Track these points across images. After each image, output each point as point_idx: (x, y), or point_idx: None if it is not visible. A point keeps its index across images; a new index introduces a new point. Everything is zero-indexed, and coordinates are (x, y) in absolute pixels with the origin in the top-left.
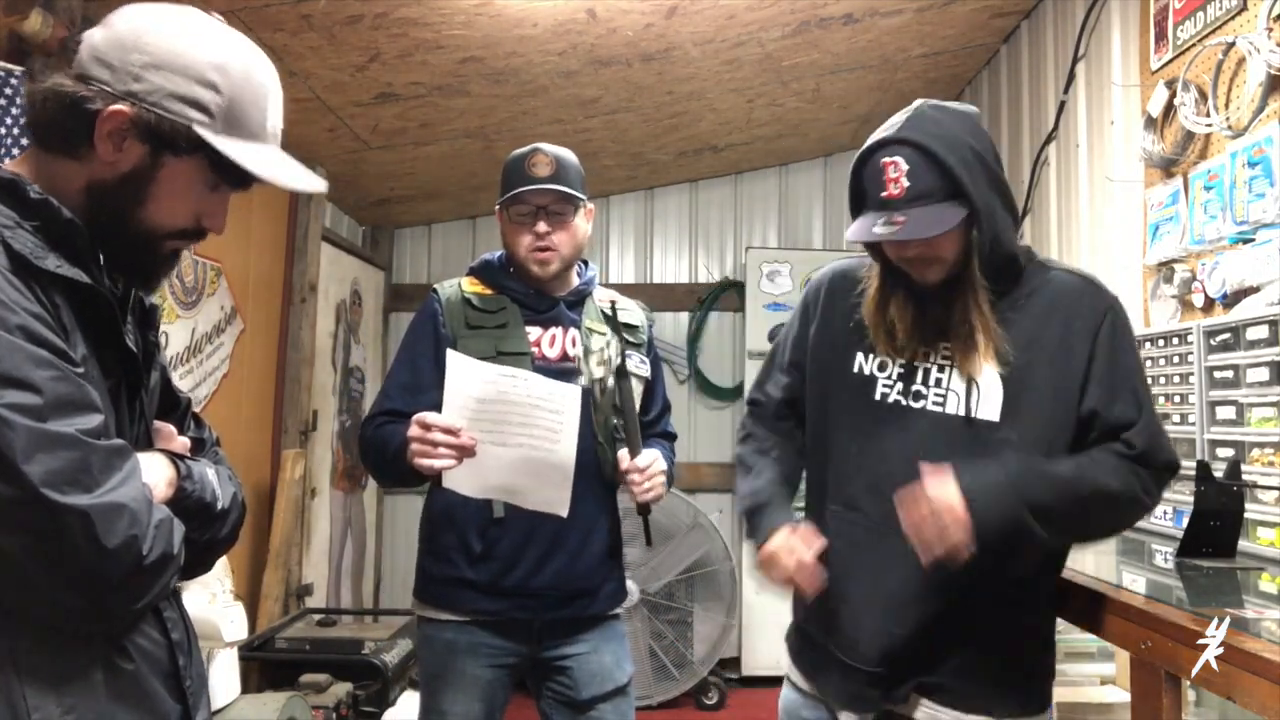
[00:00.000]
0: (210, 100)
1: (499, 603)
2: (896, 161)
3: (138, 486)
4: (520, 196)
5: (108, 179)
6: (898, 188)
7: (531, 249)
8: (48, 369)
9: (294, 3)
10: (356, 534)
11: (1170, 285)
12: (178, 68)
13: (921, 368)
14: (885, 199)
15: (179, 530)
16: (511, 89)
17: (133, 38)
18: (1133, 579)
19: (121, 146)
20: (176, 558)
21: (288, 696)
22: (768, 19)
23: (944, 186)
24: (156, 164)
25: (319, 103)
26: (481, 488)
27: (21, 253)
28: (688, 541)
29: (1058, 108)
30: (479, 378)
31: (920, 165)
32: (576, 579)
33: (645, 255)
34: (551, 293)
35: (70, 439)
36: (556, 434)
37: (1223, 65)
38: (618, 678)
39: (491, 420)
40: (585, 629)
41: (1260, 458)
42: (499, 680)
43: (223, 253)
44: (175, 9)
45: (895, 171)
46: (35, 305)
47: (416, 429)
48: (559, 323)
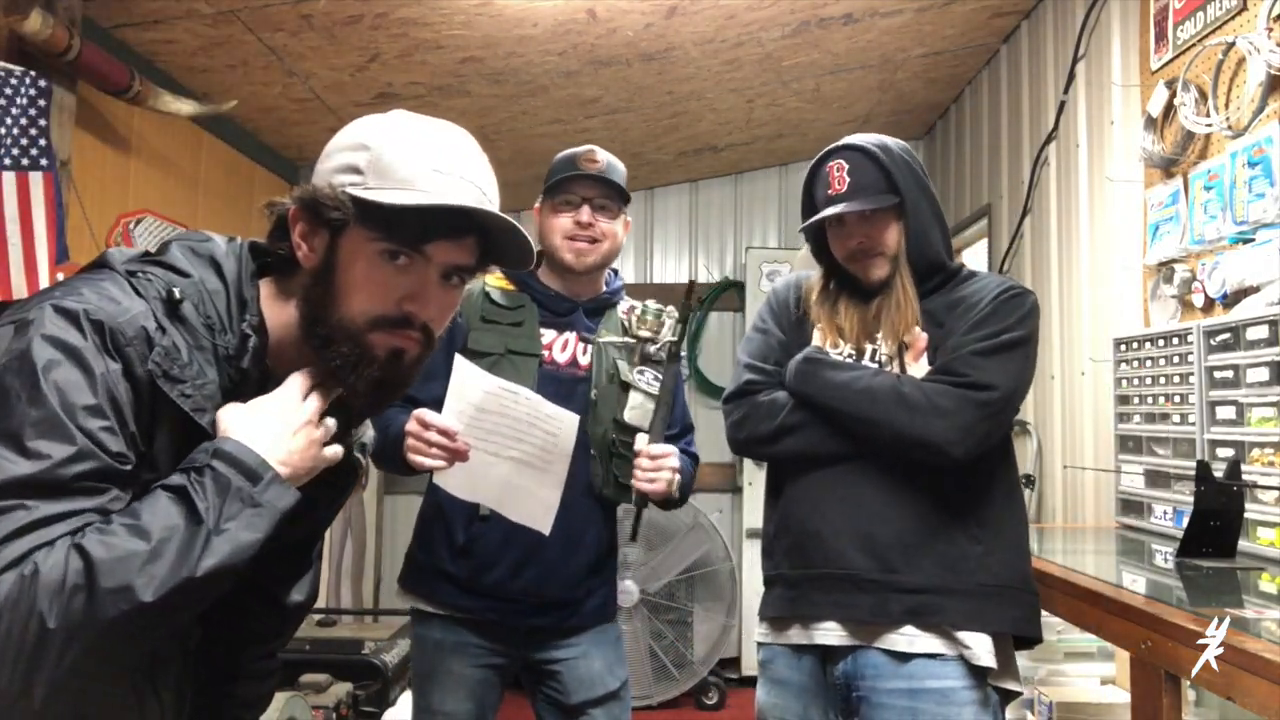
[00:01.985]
0: (360, 160)
1: (475, 601)
2: (840, 164)
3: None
4: (568, 186)
5: (308, 280)
6: (841, 184)
7: (570, 234)
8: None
9: (294, 3)
10: (356, 534)
11: (1170, 285)
12: (334, 149)
13: (868, 349)
14: (831, 195)
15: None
16: (511, 89)
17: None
18: (1133, 579)
19: (312, 244)
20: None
21: (288, 696)
22: (768, 19)
23: (880, 181)
24: (335, 246)
25: (319, 103)
26: (470, 492)
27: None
28: (688, 541)
29: (1058, 108)
30: (482, 387)
31: (860, 164)
32: (555, 589)
33: (645, 255)
34: (574, 296)
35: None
36: (549, 456)
37: (1223, 65)
38: (609, 683)
39: (487, 430)
40: (573, 634)
41: (1260, 458)
42: (488, 680)
43: None
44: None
45: (839, 172)
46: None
47: (415, 425)
48: (574, 328)
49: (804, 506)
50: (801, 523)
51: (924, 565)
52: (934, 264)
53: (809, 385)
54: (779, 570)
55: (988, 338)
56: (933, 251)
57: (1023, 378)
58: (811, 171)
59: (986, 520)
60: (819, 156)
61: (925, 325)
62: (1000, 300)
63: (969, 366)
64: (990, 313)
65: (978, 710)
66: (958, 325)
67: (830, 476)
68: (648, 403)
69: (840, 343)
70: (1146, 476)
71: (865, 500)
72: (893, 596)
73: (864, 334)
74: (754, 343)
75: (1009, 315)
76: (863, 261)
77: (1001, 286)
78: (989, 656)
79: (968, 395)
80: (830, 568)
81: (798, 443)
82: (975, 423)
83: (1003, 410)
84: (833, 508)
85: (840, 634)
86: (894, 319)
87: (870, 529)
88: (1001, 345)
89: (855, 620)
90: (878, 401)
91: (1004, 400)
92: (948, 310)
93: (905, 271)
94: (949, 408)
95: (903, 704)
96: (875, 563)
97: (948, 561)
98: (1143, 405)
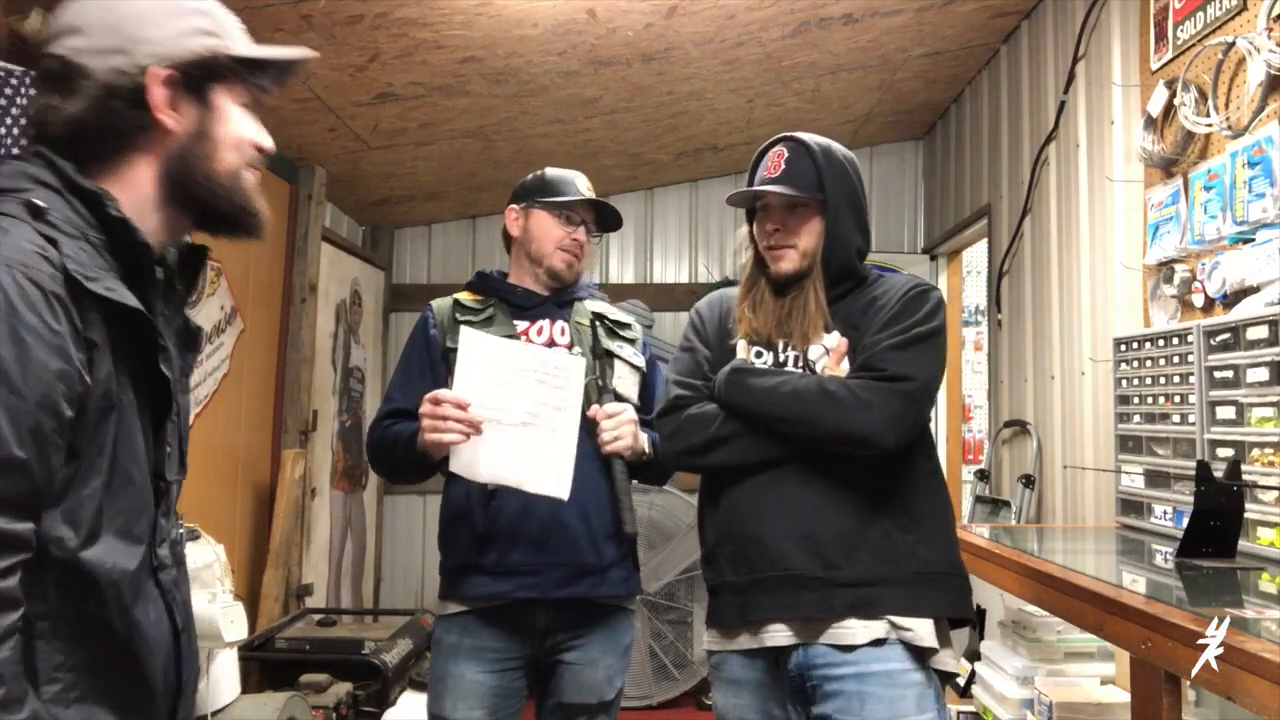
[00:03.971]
0: (207, 24)
1: (508, 583)
2: (781, 150)
3: None
4: (572, 204)
5: (178, 149)
6: (776, 170)
7: (564, 244)
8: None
9: (294, 3)
10: (356, 534)
11: (1170, 285)
12: (162, 16)
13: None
14: (765, 176)
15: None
16: (511, 89)
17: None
18: (1133, 579)
19: (178, 108)
20: None
21: (288, 696)
22: (768, 19)
23: (811, 175)
24: (210, 107)
25: (319, 103)
26: (487, 471)
27: (75, 274)
28: (688, 541)
29: (1058, 108)
30: (490, 350)
31: (799, 156)
32: (581, 553)
33: (645, 255)
34: (543, 293)
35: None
36: (560, 409)
37: (1223, 65)
38: (605, 693)
39: (499, 397)
40: (591, 628)
41: (1260, 458)
42: (502, 688)
43: (223, 253)
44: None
45: (778, 158)
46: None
47: (428, 405)
48: (546, 316)
49: (743, 513)
50: (743, 529)
51: (862, 559)
52: (845, 269)
53: (738, 394)
54: (723, 578)
55: (900, 333)
56: (846, 257)
57: (937, 367)
58: (759, 154)
59: (915, 510)
60: (767, 144)
61: (842, 329)
62: (908, 298)
63: (886, 361)
64: (899, 310)
65: (921, 689)
66: (871, 324)
67: (766, 481)
68: (633, 374)
69: (764, 351)
70: (1146, 476)
71: (802, 501)
72: (835, 592)
73: (776, 332)
74: (681, 361)
75: (916, 310)
76: (775, 251)
77: (907, 285)
78: (930, 638)
79: (889, 387)
80: (774, 570)
81: (731, 453)
82: (900, 412)
83: (922, 398)
84: (772, 511)
85: (787, 634)
86: (802, 321)
87: (810, 529)
88: (913, 339)
89: (801, 619)
90: (806, 402)
91: (923, 389)
92: (861, 313)
93: (818, 273)
94: (873, 401)
95: (852, 688)
96: (817, 561)
97: (883, 553)
98: (1143, 405)
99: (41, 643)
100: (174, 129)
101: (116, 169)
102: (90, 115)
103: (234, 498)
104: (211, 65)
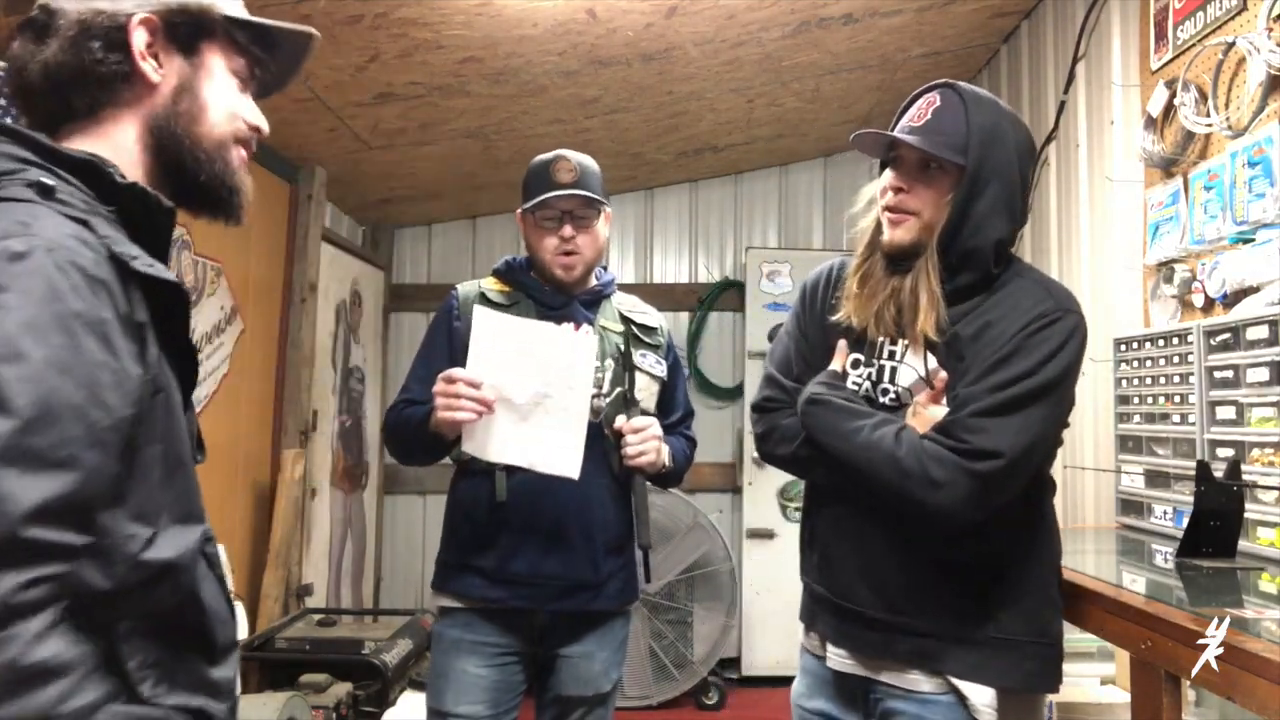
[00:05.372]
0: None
1: (504, 590)
2: (933, 98)
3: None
4: (546, 202)
5: (162, 106)
6: (920, 120)
7: (557, 253)
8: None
9: (294, 3)
10: (356, 534)
11: (1170, 285)
12: None
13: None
14: (907, 125)
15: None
16: (511, 89)
17: None
18: (1133, 579)
19: (161, 61)
20: None
21: (288, 696)
22: (768, 19)
23: (958, 134)
24: (197, 64)
25: (319, 103)
26: (499, 449)
27: (120, 255)
28: (688, 541)
29: (1058, 108)
30: (503, 328)
31: (950, 107)
32: (579, 570)
33: (645, 255)
34: (569, 292)
35: None
36: (571, 386)
37: (1223, 65)
38: (601, 685)
39: (510, 376)
40: (588, 629)
41: (1260, 458)
42: (503, 682)
43: (222, 253)
44: None
45: (926, 106)
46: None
47: (441, 384)
48: (572, 317)
49: (825, 531)
50: (824, 545)
51: (930, 611)
52: (970, 257)
53: (814, 428)
54: (808, 578)
55: (999, 388)
56: (975, 244)
57: (1038, 435)
58: (911, 97)
59: (1002, 570)
60: (926, 86)
61: (945, 360)
62: (1027, 333)
63: (969, 431)
64: (1011, 351)
65: None
66: (976, 362)
67: (842, 511)
68: (653, 384)
69: (860, 361)
70: (1146, 476)
71: (875, 541)
72: (899, 638)
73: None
74: (777, 352)
75: (1034, 353)
76: (893, 215)
77: (1034, 313)
78: (989, 709)
79: (964, 466)
80: (840, 599)
81: (812, 474)
82: (971, 495)
83: (1008, 480)
84: (844, 547)
85: (850, 663)
86: (911, 317)
87: (881, 573)
88: (1014, 400)
89: (863, 654)
90: (874, 462)
91: (1009, 468)
92: (972, 340)
93: (931, 254)
94: (942, 480)
95: (914, 711)
96: (883, 603)
97: (955, 611)
98: (1143, 405)
99: (124, 645)
100: (155, 81)
101: (99, 125)
102: (66, 56)
103: (234, 498)
104: (200, 18)
